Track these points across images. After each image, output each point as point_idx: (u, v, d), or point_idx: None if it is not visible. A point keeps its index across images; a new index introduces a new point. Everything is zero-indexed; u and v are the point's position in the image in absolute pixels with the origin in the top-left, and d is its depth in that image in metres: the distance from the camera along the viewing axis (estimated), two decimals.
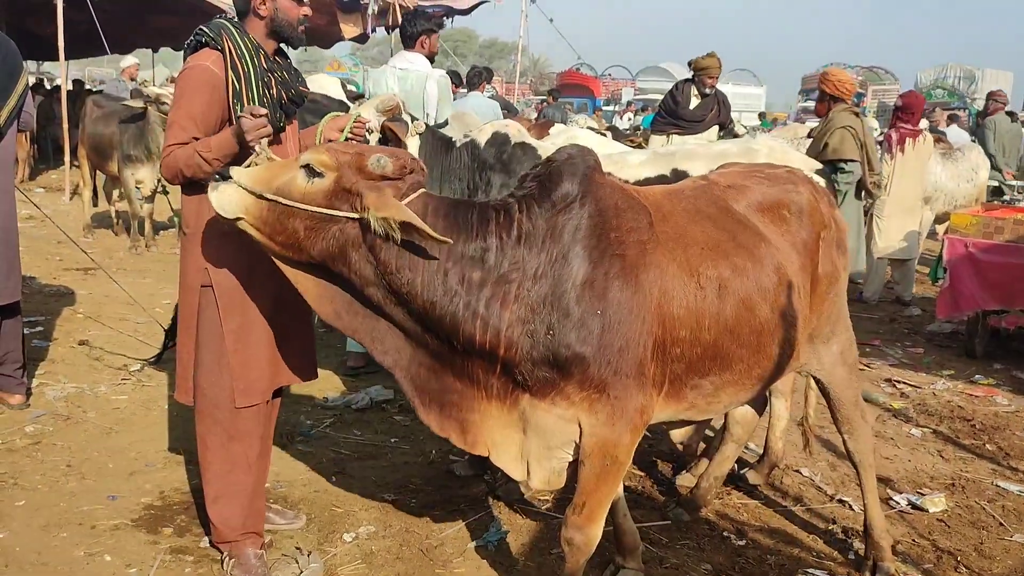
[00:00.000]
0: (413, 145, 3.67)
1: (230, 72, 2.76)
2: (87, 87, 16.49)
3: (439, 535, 3.37)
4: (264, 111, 2.65)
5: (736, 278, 2.59)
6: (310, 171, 2.33)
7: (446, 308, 2.33)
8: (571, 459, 2.53)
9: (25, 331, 5.01)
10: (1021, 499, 3.97)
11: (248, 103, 2.76)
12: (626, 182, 2.71)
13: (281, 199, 2.32)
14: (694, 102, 7.25)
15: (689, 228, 2.59)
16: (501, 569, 3.14)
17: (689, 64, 7.39)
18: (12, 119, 4.03)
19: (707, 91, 7.21)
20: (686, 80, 7.37)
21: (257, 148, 2.57)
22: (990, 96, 10.93)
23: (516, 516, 3.54)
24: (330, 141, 2.89)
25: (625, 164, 3.72)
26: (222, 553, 3.05)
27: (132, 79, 11.47)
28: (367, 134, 3.14)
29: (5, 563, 2.99)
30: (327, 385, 5.01)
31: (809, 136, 6.98)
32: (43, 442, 4.01)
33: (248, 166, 2.49)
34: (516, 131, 3.80)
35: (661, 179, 3.66)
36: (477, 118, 4.38)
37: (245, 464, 2.99)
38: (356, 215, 2.30)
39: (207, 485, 3.01)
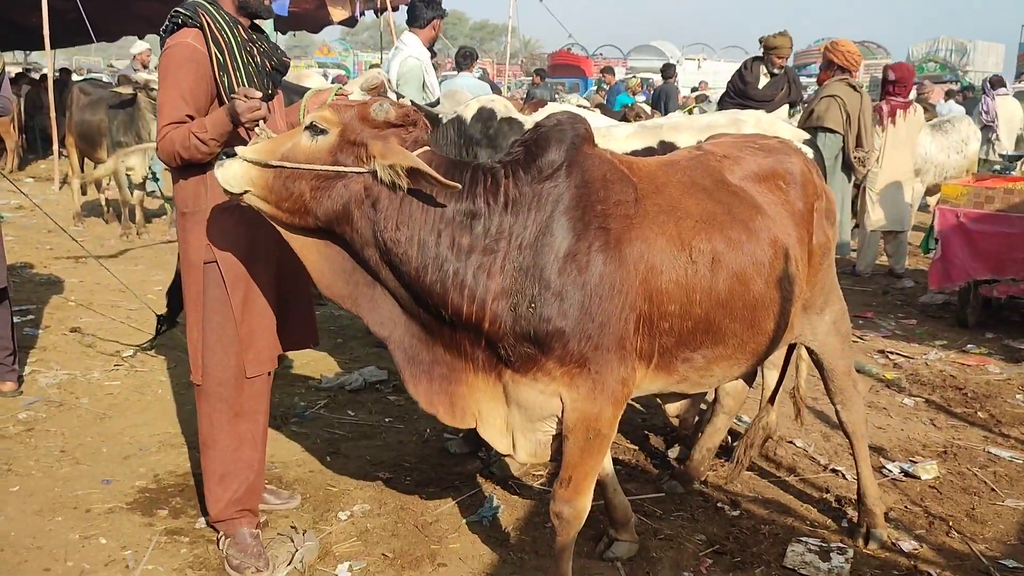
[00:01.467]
0: None
1: (212, 46, 2.74)
2: (74, 76, 16.38)
3: (434, 512, 3.38)
4: (258, 93, 2.64)
5: (730, 251, 2.55)
6: (314, 129, 2.32)
7: (436, 274, 2.31)
8: (554, 432, 2.54)
9: (16, 320, 5.01)
10: (1013, 465, 3.99)
11: (233, 73, 2.76)
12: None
13: (287, 163, 2.30)
14: (763, 81, 7.08)
15: (683, 200, 2.55)
16: (495, 544, 3.15)
17: (760, 41, 7.20)
18: None
19: (776, 70, 7.00)
20: (755, 58, 7.16)
21: (256, 130, 2.55)
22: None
23: (510, 493, 3.55)
24: None
25: (612, 137, 3.70)
26: (217, 532, 3.06)
27: (144, 65, 11.40)
28: None
29: (0, 547, 2.99)
30: (321, 367, 5.02)
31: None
32: (36, 428, 4.01)
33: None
34: (503, 106, 3.79)
35: (648, 151, 3.65)
36: (468, 95, 4.37)
37: (252, 441, 3.01)
38: (362, 169, 2.29)
39: (212, 463, 3.00)
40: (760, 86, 7.01)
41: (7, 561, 2.91)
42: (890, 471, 3.88)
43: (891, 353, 5.72)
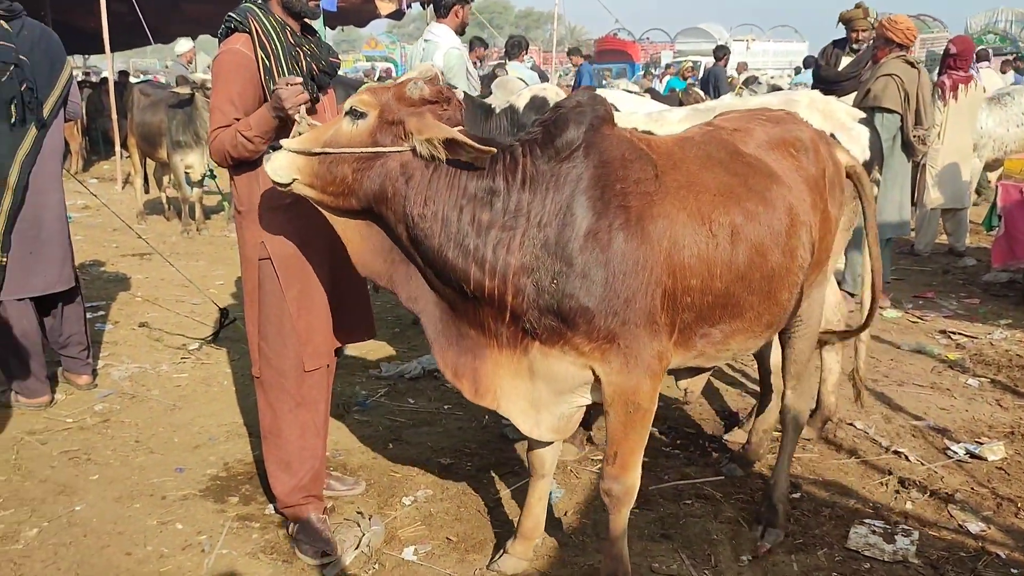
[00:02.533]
0: None
1: (259, 51, 2.84)
2: (131, 78, 16.80)
3: (495, 496, 3.43)
4: (299, 79, 2.74)
5: (748, 223, 2.57)
6: (354, 114, 2.40)
7: (458, 249, 2.37)
8: (581, 405, 2.61)
9: (88, 316, 5.19)
10: None
11: (279, 78, 2.83)
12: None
13: (329, 149, 2.39)
14: (845, 61, 6.91)
15: (700, 175, 2.56)
16: (556, 527, 3.19)
17: (839, 18, 7.04)
18: (57, 109, 4.14)
19: (856, 46, 6.76)
20: (833, 42, 7.03)
21: (297, 117, 2.64)
22: None
23: (571, 476, 3.59)
24: None
25: (664, 121, 3.70)
26: (285, 518, 3.16)
27: (190, 62, 11.66)
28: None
29: (84, 533, 3.13)
30: (380, 356, 5.11)
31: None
32: (112, 419, 4.16)
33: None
34: (554, 94, 3.82)
35: None
36: (521, 84, 4.40)
37: (315, 429, 3.11)
38: (402, 147, 2.36)
39: (276, 451, 3.09)
40: (841, 66, 6.81)
41: (91, 546, 3.05)
42: (955, 452, 3.83)
43: (953, 333, 5.61)
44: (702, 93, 11.27)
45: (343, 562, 2.95)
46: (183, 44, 11.81)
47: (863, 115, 4.11)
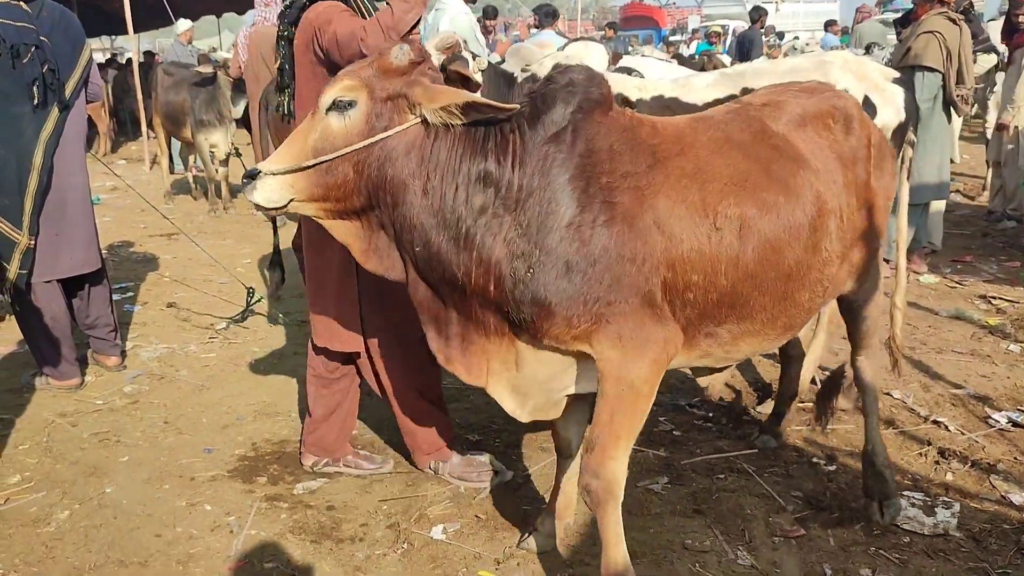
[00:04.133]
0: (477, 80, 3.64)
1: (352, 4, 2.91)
2: (158, 59, 16.85)
3: (524, 473, 3.39)
4: None
5: (762, 216, 2.35)
6: (339, 106, 2.20)
7: (451, 234, 2.24)
8: (569, 391, 2.51)
9: (116, 296, 5.22)
10: None
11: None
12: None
13: (326, 156, 2.20)
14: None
15: (712, 161, 2.35)
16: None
17: None
18: (78, 91, 4.13)
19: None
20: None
21: (264, 170, 2.34)
22: None
23: None
24: None
25: (691, 87, 3.59)
26: (322, 462, 3.42)
27: (189, 42, 11.64)
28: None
29: (114, 515, 3.14)
30: None
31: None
32: (140, 400, 4.18)
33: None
34: (578, 64, 3.70)
35: (729, 99, 3.52)
36: (535, 51, 4.30)
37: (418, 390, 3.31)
38: (409, 123, 2.21)
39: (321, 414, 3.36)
40: None
41: (121, 527, 3.06)
42: (997, 421, 3.72)
43: (994, 298, 5.46)
44: (727, 59, 11.02)
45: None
46: (182, 24, 11.78)
47: (897, 75, 3.96)
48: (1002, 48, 8.20)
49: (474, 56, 3.65)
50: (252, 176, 2.24)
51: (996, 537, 2.90)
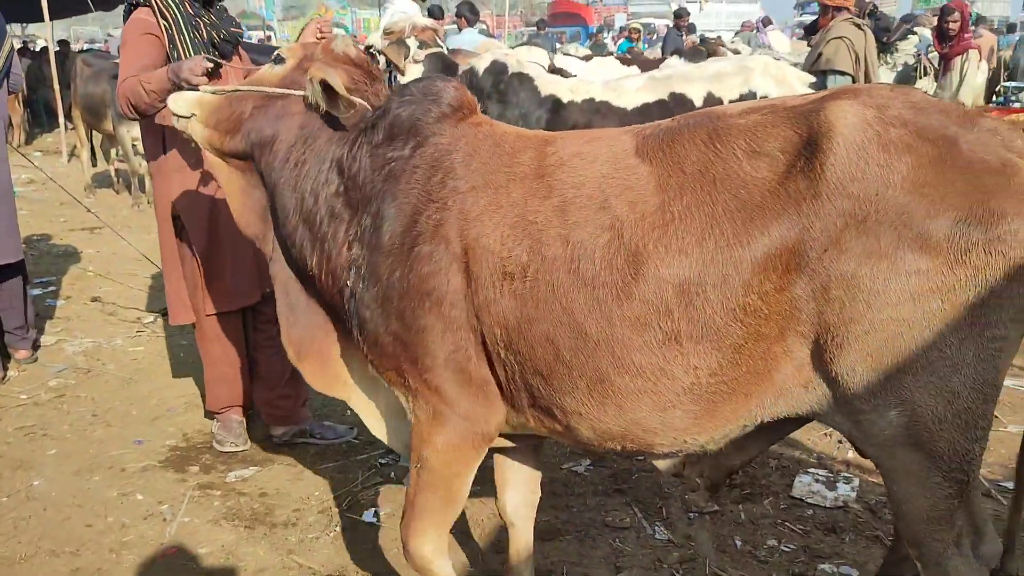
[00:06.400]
0: (416, 71, 3.78)
1: (160, 20, 3.14)
2: (74, 48, 16.36)
3: None
4: (201, 61, 2.88)
5: (552, 266, 1.89)
6: (277, 59, 2.39)
7: (307, 228, 2.19)
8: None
9: (37, 291, 5.15)
10: (1016, 393, 4.09)
11: (181, 46, 3.15)
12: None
13: (241, 87, 2.38)
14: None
15: (537, 190, 1.97)
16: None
17: None
18: (0, 80, 4.09)
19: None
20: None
21: (202, 89, 2.65)
22: None
23: None
24: None
25: (623, 90, 3.75)
26: (214, 419, 3.66)
27: None
28: (377, 55, 3.40)
29: (43, 507, 3.14)
30: None
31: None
32: (67, 395, 4.15)
33: None
34: (515, 61, 3.83)
35: (660, 103, 3.70)
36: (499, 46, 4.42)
37: (226, 359, 3.55)
38: (295, 92, 2.26)
39: (205, 372, 3.64)
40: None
41: (51, 519, 3.07)
42: None
43: None
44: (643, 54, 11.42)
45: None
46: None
47: (813, 79, 4.20)
48: (934, 55, 8.61)
49: (421, 45, 3.78)
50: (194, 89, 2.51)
51: (884, 505, 3.13)
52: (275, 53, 2.44)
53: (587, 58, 6.77)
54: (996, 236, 1.62)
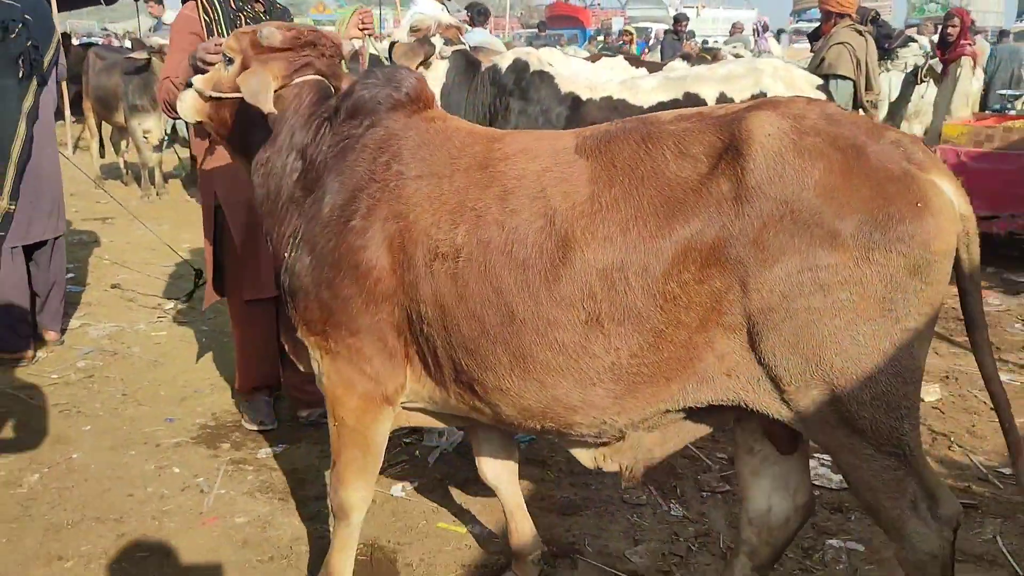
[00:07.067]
0: (442, 67, 3.93)
1: (202, 15, 3.36)
2: (74, 41, 16.39)
3: None
4: (218, 40, 2.95)
5: (485, 248, 2.03)
6: (225, 59, 2.48)
7: (273, 205, 2.39)
8: None
9: None
10: (1011, 386, 4.25)
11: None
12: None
13: (213, 93, 2.48)
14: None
15: (477, 178, 2.12)
16: (533, 465, 3.43)
17: None
18: (51, 67, 4.36)
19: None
20: None
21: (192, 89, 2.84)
22: None
23: None
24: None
25: (639, 90, 3.90)
26: (242, 399, 3.82)
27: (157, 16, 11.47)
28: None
29: (84, 478, 3.28)
30: None
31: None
32: (95, 375, 4.28)
33: None
34: (536, 59, 3.98)
35: (674, 103, 3.85)
36: (501, 47, 4.57)
37: (257, 343, 3.71)
38: (235, 95, 2.40)
39: (236, 353, 3.82)
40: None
41: (93, 489, 3.20)
42: None
43: None
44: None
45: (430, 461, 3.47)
46: None
47: (820, 81, 4.36)
48: (934, 62, 8.80)
49: (447, 42, 3.92)
50: (188, 86, 2.61)
51: None
52: (224, 51, 2.49)
53: (594, 58, 6.93)
54: (895, 237, 1.80)
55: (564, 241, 1.95)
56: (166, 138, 8.86)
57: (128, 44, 9.72)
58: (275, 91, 2.35)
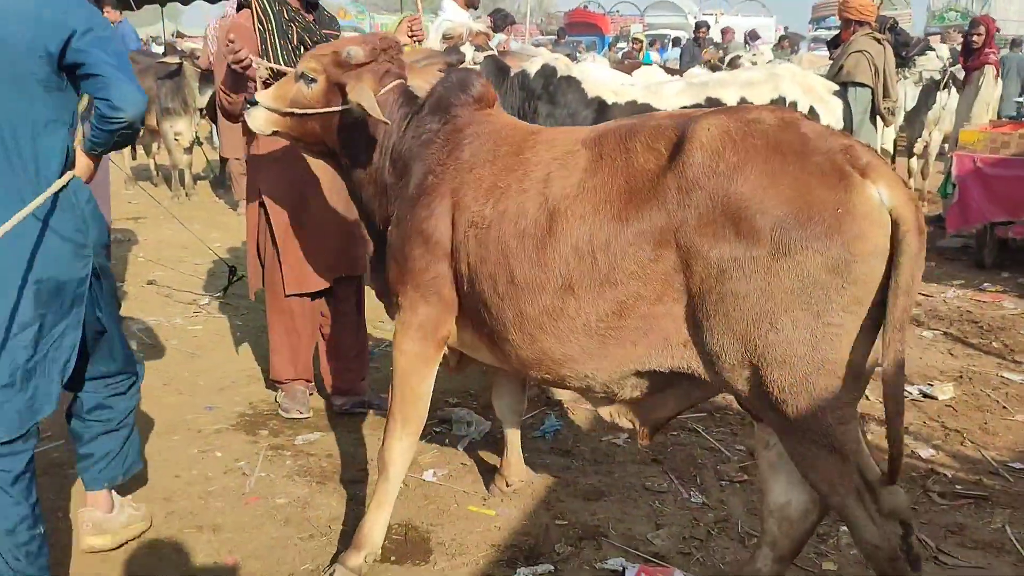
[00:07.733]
0: None
1: (256, 24, 3.46)
2: None
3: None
4: (245, 50, 3.24)
5: (501, 221, 2.40)
6: (306, 79, 2.77)
7: (364, 193, 2.85)
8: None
9: None
10: (1023, 386, 4.36)
11: (271, 49, 3.46)
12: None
13: (296, 110, 2.79)
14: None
15: (512, 166, 2.49)
16: (558, 454, 3.57)
17: None
18: None
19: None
20: None
21: (254, 64, 3.18)
22: None
23: (568, 411, 3.97)
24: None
25: (663, 94, 4.05)
26: (278, 388, 3.95)
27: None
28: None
29: None
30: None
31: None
32: None
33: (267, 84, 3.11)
34: (564, 65, 4.14)
35: (696, 107, 3.98)
36: (530, 51, 4.73)
37: (296, 334, 3.84)
38: (346, 106, 2.71)
39: (273, 343, 3.89)
40: None
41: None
42: (909, 393, 4.26)
43: None
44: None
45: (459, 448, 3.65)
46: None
47: (837, 88, 4.49)
48: (956, 69, 8.92)
49: (477, 49, 4.08)
50: (252, 103, 2.87)
51: (906, 483, 3.41)
52: (301, 70, 2.77)
53: (632, 67, 7.08)
54: (812, 235, 1.96)
55: (552, 216, 2.30)
56: (197, 140, 9.07)
57: (159, 49, 9.92)
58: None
